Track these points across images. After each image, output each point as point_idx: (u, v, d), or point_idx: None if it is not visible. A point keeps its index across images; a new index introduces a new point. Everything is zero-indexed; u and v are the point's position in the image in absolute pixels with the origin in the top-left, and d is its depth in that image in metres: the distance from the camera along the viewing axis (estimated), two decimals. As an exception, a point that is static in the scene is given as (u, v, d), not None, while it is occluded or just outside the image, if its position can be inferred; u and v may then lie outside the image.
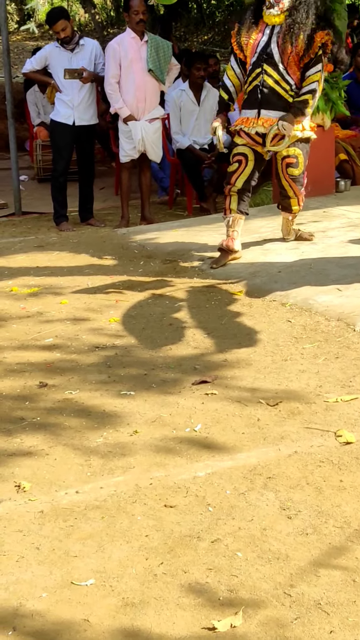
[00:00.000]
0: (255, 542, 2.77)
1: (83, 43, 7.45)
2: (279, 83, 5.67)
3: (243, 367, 4.16)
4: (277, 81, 5.66)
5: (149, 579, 2.60)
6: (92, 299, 5.33)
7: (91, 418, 3.68)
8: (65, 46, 7.39)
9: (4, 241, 7.08)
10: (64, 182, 7.65)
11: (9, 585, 2.58)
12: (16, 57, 17.76)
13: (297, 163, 5.86)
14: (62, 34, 7.34)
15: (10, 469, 3.25)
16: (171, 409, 3.73)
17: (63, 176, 7.64)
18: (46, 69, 7.61)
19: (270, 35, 5.67)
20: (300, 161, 5.86)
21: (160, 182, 8.95)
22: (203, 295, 5.28)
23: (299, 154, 5.85)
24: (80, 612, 2.45)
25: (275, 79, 5.66)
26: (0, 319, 4.96)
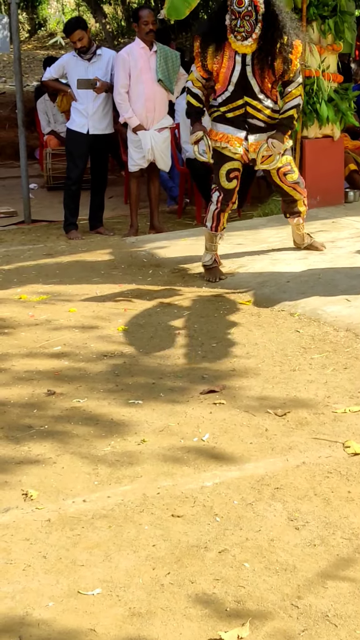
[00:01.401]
0: (262, 553, 2.76)
1: (100, 53, 7.49)
2: (261, 111, 5.66)
3: (251, 377, 4.15)
4: (259, 110, 5.65)
5: (155, 589, 2.59)
6: (101, 307, 5.33)
7: (99, 426, 3.67)
8: (83, 56, 7.43)
9: (13, 249, 7.09)
10: (77, 190, 7.68)
11: (16, 593, 2.58)
12: (27, 66, 17.85)
13: (292, 169, 5.88)
14: (79, 44, 7.38)
15: (18, 477, 3.25)
16: (179, 418, 3.73)
17: (76, 184, 7.66)
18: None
19: (244, 64, 5.55)
20: (293, 165, 5.92)
21: (169, 191, 8.97)
22: (211, 305, 5.27)
23: (290, 160, 5.88)
24: (87, 621, 2.45)
25: (258, 108, 5.65)
26: (9, 327, 4.97)
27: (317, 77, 7.61)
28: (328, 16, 7.58)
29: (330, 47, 7.69)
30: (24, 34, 22.93)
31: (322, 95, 7.62)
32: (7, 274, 6.16)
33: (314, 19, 7.57)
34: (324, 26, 7.61)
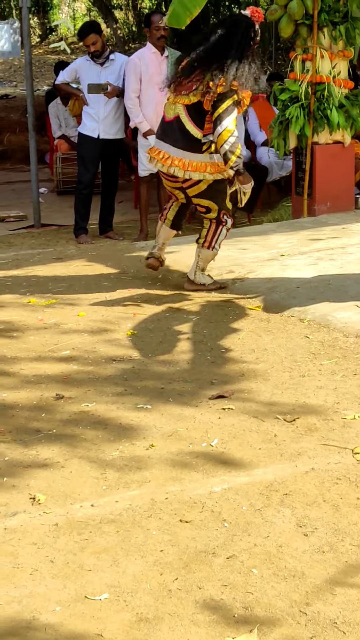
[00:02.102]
0: (271, 559, 2.74)
1: (113, 58, 7.51)
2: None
3: (260, 383, 4.14)
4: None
5: (163, 594, 2.58)
6: (110, 311, 5.33)
7: (107, 431, 3.66)
8: (96, 60, 7.45)
9: (22, 253, 7.10)
10: (88, 194, 7.69)
11: (23, 598, 2.57)
12: (37, 71, 17.90)
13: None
14: (92, 48, 7.41)
15: (26, 481, 3.24)
16: (188, 423, 3.72)
17: (87, 189, 7.68)
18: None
19: None
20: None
21: (179, 196, 8.95)
22: (221, 310, 5.27)
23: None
24: (94, 626, 2.43)
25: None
26: (18, 331, 4.96)
27: (328, 83, 7.61)
28: (339, 22, 7.58)
29: (341, 53, 7.69)
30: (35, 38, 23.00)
31: (332, 101, 7.61)
32: (16, 278, 6.17)
33: (325, 25, 7.57)
34: (335, 32, 7.61)
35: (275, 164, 8.84)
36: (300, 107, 7.59)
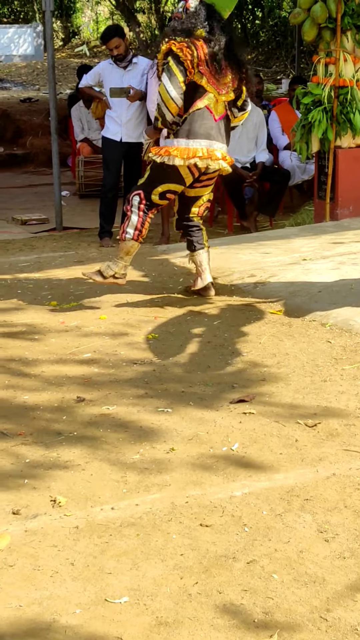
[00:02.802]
0: (291, 564, 2.73)
1: (136, 61, 7.53)
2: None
3: (281, 387, 4.13)
4: None
5: (183, 598, 2.57)
6: (131, 314, 5.33)
7: (128, 434, 3.66)
8: (119, 63, 7.48)
9: (44, 256, 7.13)
10: (113, 198, 7.71)
11: (43, 600, 2.57)
12: (60, 74, 17.98)
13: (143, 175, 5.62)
14: (115, 52, 7.43)
15: (47, 483, 3.25)
16: (208, 427, 3.71)
17: (112, 192, 7.70)
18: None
19: None
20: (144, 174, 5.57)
21: (200, 199, 8.95)
22: (242, 314, 5.26)
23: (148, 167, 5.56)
24: (114, 629, 2.43)
25: None
26: (39, 333, 4.98)
27: (351, 87, 7.59)
28: (363, 26, 7.56)
29: (365, 56, 7.66)
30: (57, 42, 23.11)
31: (356, 105, 7.59)
32: (38, 281, 6.19)
33: (349, 29, 7.55)
34: (358, 36, 7.59)
35: (298, 168, 8.83)
36: (323, 111, 7.57)
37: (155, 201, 5.48)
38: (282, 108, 9.31)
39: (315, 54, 7.98)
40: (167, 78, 5.23)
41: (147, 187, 5.45)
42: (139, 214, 5.44)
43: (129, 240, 5.48)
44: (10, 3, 25.19)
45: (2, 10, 25.05)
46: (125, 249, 5.49)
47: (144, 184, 5.47)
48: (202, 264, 5.61)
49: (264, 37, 19.94)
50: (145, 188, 5.45)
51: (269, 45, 19.76)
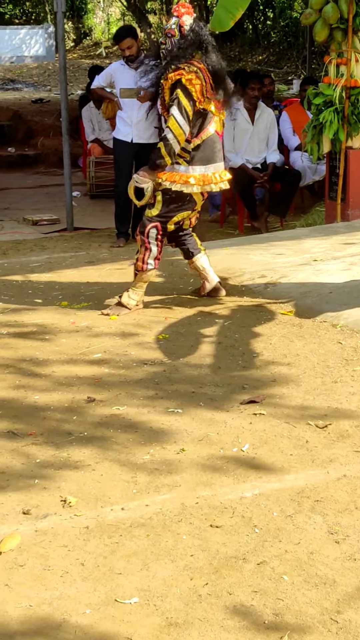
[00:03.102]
0: (301, 565, 2.73)
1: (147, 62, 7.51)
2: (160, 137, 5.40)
3: (292, 388, 4.12)
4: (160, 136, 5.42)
5: (193, 599, 2.57)
6: (141, 315, 5.33)
7: (138, 434, 3.66)
8: (130, 64, 7.48)
9: (55, 256, 7.13)
10: (125, 200, 7.69)
11: (53, 600, 2.57)
12: (71, 75, 17.99)
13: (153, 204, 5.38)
14: (127, 52, 7.44)
15: (57, 483, 3.25)
16: (219, 428, 3.71)
17: (124, 194, 7.68)
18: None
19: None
20: (156, 204, 5.36)
21: (211, 199, 8.96)
22: (252, 314, 5.25)
23: (158, 195, 5.33)
24: (124, 630, 2.43)
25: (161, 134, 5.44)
26: (50, 333, 4.99)
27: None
28: (375, 26, 7.53)
29: (377, 57, 7.64)
30: (69, 43, 23.14)
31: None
32: (49, 281, 6.20)
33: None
34: (370, 36, 7.57)
35: (309, 169, 8.81)
36: (335, 112, 7.55)
37: (170, 230, 5.45)
38: (293, 109, 9.29)
39: (326, 55, 7.95)
40: (178, 111, 5.13)
41: (163, 217, 5.36)
42: (157, 244, 5.39)
43: (150, 271, 5.45)
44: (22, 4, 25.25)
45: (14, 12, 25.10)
46: (146, 278, 5.47)
47: (160, 215, 5.35)
48: (204, 268, 5.60)
49: (275, 38, 19.92)
50: (161, 219, 5.36)
51: (280, 46, 19.74)
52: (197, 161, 5.28)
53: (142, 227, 5.38)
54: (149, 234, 5.35)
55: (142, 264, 5.40)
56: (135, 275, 5.45)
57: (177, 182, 5.25)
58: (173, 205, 5.35)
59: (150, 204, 5.40)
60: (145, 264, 5.39)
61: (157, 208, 5.36)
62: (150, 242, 5.36)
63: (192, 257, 5.60)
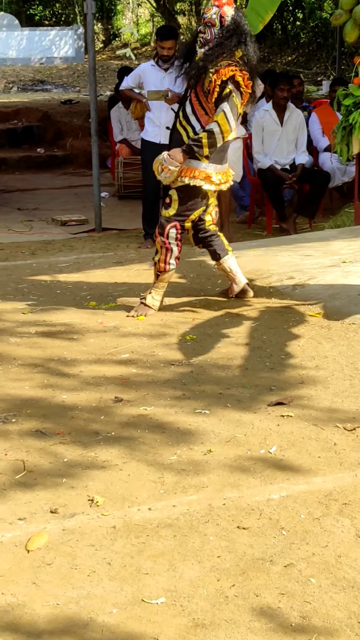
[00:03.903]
0: (329, 568, 2.71)
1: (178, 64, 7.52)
2: (182, 124, 5.33)
3: (320, 390, 4.10)
4: (181, 122, 5.33)
5: (220, 600, 2.56)
6: (169, 315, 5.33)
7: (165, 435, 3.67)
8: (161, 65, 7.49)
9: (83, 256, 7.16)
10: (153, 201, 7.71)
11: (80, 599, 2.58)
12: (100, 76, 18.04)
13: (169, 204, 5.38)
14: (166, 52, 7.45)
15: (84, 483, 3.26)
16: (246, 429, 3.70)
17: (152, 195, 7.71)
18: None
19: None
20: (172, 204, 5.36)
21: (240, 200, 8.95)
22: (280, 316, 5.23)
23: (172, 194, 5.34)
24: (150, 630, 2.43)
25: (181, 119, 5.34)
26: (78, 333, 5.00)
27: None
28: None
29: None
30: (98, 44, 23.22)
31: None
32: (77, 281, 6.22)
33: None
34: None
35: (338, 170, 8.77)
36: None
37: (187, 228, 5.45)
38: (323, 110, 9.25)
39: (356, 55, 7.90)
40: (229, 109, 5.12)
41: (181, 216, 5.36)
42: (177, 244, 5.39)
43: (171, 270, 5.46)
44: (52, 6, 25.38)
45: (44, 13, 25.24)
46: (167, 278, 5.47)
47: (177, 214, 5.35)
48: (232, 269, 5.59)
49: (304, 39, 19.85)
50: (179, 218, 5.36)
51: (309, 47, 19.67)
52: (215, 159, 5.29)
53: (161, 228, 5.39)
54: (169, 235, 5.36)
55: (164, 265, 5.41)
56: (157, 276, 5.46)
57: (196, 178, 5.26)
58: (189, 202, 5.35)
59: (166, 204, 5.43)
60: (167, 264, 5.40)
61: (174, 207, 5.36)
62: (170, 243, 5.36)
63: (220, 259, 5.59)
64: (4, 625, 2.46)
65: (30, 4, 24.96)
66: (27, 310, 5.48)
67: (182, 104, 5.41)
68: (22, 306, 5.56)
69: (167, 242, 5.36)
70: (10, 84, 19.23)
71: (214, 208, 5.56)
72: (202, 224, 5.51)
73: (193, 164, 5.24)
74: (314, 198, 8.43)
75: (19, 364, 4.52)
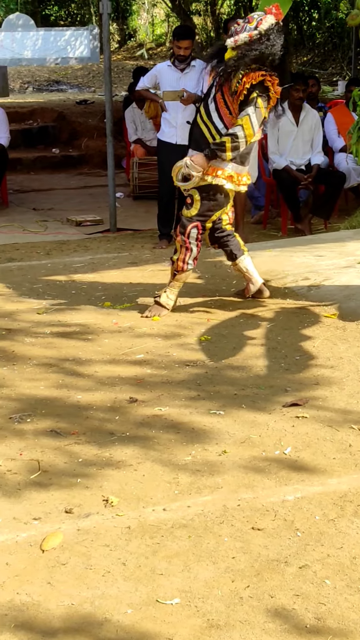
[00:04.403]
0: (344, 570, 2.71)
1: (194, 64, 7.53)
2: (205, 122, 5.29)
3: (335, 391, 4.09)
4: (203, 120, 5.30)
5: (234, 601, 2.56)
6: (184, 316, 5.34)
7: (180, 435, 3.67)
8: (177, 65, 7.49)
9: (98, 257, 7.17)
10: (168, 201, 7.72)
11: (95, 599, 2.59)
12: (116, 76, 18.07)
13: (191, 204, 5.36)
14: (183, 52, 7.45)
15: (99, 483, 3.27)
16: (261, 430, 3.70)
17: (167, 195, 7.71)
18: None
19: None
20: (194, 204, 5.34)
21: (255, 201, 8.94)
22: (295, 317, 5.23)
23: (194, 194, 5.34)
24: (165, 630, 2.44)
25: (203, 117, 5.31)
26: (93, 333, 5.01)
27: None
28: None
29: None
30: (113, 44, 23.25)
31: None
32: (92, 282, 6.23)
33: None
34: None
35: (354, 170, 8.74)
36: (380, 113, 7.49)
37: (207, 228, 5.45)
38: (338, 110, 9.23)
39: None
40: (254, 113, 5.11)
41: (203, 216, 5.36)
42: (197, 244, 5.40)
43: (189, 270, 5.46)
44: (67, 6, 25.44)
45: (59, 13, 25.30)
46: (184, 278, 5.48)
47: (200, 214, 5.34)
48: (248, 269, 5.58)
49: (320, 39, 19.83)
50: (201, 218, 5.36)
51: (325, 47, 19.64)
52: (237, 160, 5.28)
53: (183, 228, 5.38)
54: (190, 235, 5.36)
55: (183, 264, 5.41)
56: (174, 275, 5.46)
57: (219, 177, 5.26)
58: (212, 202, 5.35)
59: (188, 204, 5.41)
60: (186, 264, 5.40)
61: (196, 207, 5.35)
62: (191, 243, 5.37)
63: (236, 259, 5.59)
64: (20, 625, 2.47)
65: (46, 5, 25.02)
66: (42, 310, 5.50)
67: (204, 100, 5.40)
68: (37, 306, 5.58)
69: (188, 242, 5.37)
70: (25, 84, 19.29)
71: (230, 208, 5.56)
72: (220, 223, 5.51)
73: (215, 163, 5.25)
74: (330, 199, 8.42)
75: (34, 363, 4.53)
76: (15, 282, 6.23)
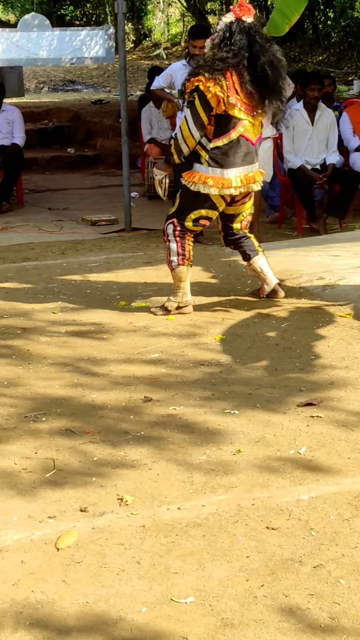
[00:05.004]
0: (359, 570, 2.70)
1: None
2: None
3: (350, 391, 4.09)
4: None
5: (249, 600, 2.57)
6: (198, 316, 5.34)
7: (194, 435, 3.67)
8: (192, 64, 7.50)
9: (113, 256, 7.18)
10: None
11: (109, 597, 2.59)
12: (131, 76, 18.10)
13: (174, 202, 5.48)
14: (197, 51, 7.46)
15: (114, 482, 3.28)
16: (275, 430, 3.70)
17: None
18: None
19: None
20: (175, 202, 5.46)
21: (270, 200, 8.94)
22: (310, 317, 5.22)
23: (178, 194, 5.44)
24: (179, 629, 2.44)
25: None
26: (108, 333, 5.02)
27: None
28: None
29: None
30: (128, 44, 23.29)
31: None
32: (107, 281, 6.24)
33: None
34: None
35: (369, 170, 8.73)
36: None
37: (189, 227, 5.43)
38: (354, 109, 9.21)
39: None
40: (191, 115, 5.15)
41: (180, 214, 5.39)
42: (176, 240, 5.42)
43: (177, 267, 5.46)
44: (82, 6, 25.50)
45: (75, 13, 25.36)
46: (178, 277, 5.48)
47: (177, 212, 5.40)
48: (263, 269, 5.58)
49: (335, 38, 19.79)
50: (178, 216, 5.40)
51: (340, 46, 19.60)
52: (217, 164, 5.25)
53: (163, 225, 5.51)
54: (167, 231, 5.46)
55: (168, 264, 5.52)
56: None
57: (196, 182, 5.28)
58: (188, 203, 5.38)
59: (173, 203, 5.51)
60: (170, 262, 5.48)
61: (175, 206, 5.47)
62: (169, 239, 5.45)
63: (250, 259, 5.59)
64: (34, 622, 2.48)
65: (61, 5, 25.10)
66: (57, 309, 5.51)
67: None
68: (52, 305, 5.60)
69: (166, 239, 5.47)
70: (41, 84, 19.36)
71: (246, 216, 5.57)
72: (231, 229, 5.56)
73: (195, 168, 5.30)
74: (345, 198, 8.40)
75: (49, 363, 4.55)
76: (31, 282, 6.25)
